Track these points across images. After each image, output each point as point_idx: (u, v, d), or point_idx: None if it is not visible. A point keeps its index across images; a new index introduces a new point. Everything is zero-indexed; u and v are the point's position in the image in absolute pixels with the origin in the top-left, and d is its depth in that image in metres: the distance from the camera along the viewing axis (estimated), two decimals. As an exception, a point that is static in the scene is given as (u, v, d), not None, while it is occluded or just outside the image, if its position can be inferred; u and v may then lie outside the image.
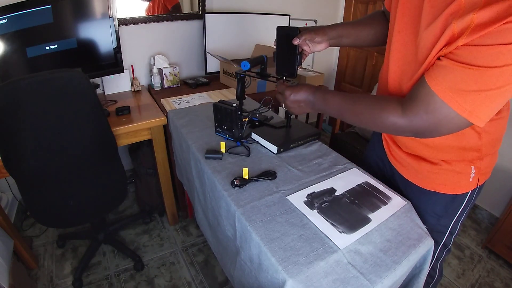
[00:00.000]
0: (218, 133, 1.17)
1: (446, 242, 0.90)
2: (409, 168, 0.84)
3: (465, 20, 0.51)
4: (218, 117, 1.11)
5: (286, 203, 0.83)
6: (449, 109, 0.55)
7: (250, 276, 0.79)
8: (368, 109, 0.68)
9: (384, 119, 0.65)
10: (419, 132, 0.62)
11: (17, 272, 1.25)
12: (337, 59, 2.77)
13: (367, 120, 0.69)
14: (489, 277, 1.56)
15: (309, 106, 0.81)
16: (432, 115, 0.57)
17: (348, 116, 0.73)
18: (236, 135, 1.09)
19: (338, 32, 0.88)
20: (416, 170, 0.83)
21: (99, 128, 1.15)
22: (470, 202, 0.82)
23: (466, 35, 0.51)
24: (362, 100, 0.71)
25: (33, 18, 1.22)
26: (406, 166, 0.85)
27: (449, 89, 0.54)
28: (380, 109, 0.66)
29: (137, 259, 1.50)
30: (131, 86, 1.78)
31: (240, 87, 1.10)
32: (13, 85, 0.93)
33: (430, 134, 0.62)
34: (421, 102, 0.59)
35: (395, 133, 0.73)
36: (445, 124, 0.58)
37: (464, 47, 0.52)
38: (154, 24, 1.80)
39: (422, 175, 0.82)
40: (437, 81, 0.56)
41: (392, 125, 0.64)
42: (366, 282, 0.64)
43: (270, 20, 2.06)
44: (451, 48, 0.54)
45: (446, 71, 0.55)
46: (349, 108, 0.72)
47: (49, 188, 1.16)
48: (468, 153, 0.73)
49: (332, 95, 0.77)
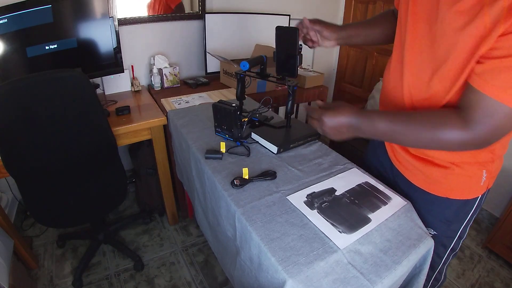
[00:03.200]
0: (218, 133, 1.16)
1: (454, 247, 0.88)
2: (417, 173, 0.81)
3: (496, 7, 0.49)
4: (218, 117, 1.11)
5: (286, 203, 0.83)
6: (506, 108, 0.53)
7: (250, 276, 0.79)
8: (425, 127, 0.63)
9: (448, 136, 0.60)
10: (484, 141, 0.59)
11: (17, 272, 1.25)
12: (337, 59, 2.77)
13: (426, 140, 0.63)
14: (489, 277, 1.56)
15: (353, 131, 0.71)
16: (492, 120, 0.56)
17: (402, 138, 0.67)
18: (235, 135, 1.09)
19: (348, 33, 0.88)
20: (425, 175, 0.79)
21: (99, 128, 1.15)
22: (479, 206, 0.81)
23: (501, 22, 0.49)
24: (415, 118, 0.65)
25: (33, 18, 1.22)
26: (413, 171, 0.82)
27: (501, 89, 0.53)
28: (441, 124, 0.61)
29: (137, 259, 1.50)
30: (131, 86, 1.78)
31: (240, 87, 1.10)
32: (13, 85, 0.93)
33: (493, 140, 0.59)
34: (478, 109, 0.56)
35: (458, 148, 0.64)
36: (505, 124, 0.56)
37: (503, 38, 0.51)
38: (154, 24, 1.80)
39: (431, 180, 0.79)
40: (486, 84, 0.54)
41: (457, 140, 0.60)
42: (366, 282, 0.64)
43: (270, 20, 2.06)
44: (488, 45, 0.53)
45: (492, 72, 0.54)
46: (403, 129, 0.65)
47: (49, 188, 1.16)
48: (481, 155, 0.72)
49: (379, 116, 0.69)
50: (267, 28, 2.06)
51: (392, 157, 0.88)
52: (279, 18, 2.10)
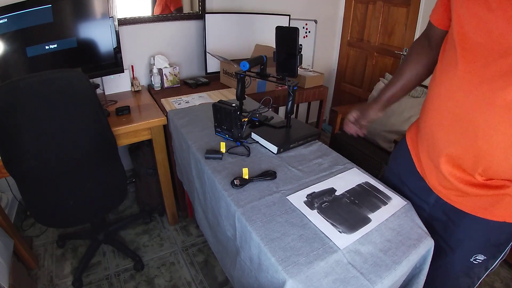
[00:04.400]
0: (218, 133, 1.16)
1: (495, 265, 0.80)
2: (468, 198, 0.71)
3: None
4: (218, 117, 1.11)
5: (286, 203, 0.83)
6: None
7: (250, 276, 0.79)
8: None
9: None
10: None
11: (17, 272, 1.25)
12: (337, 59, 2.77)
13: None
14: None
15: None
16: None
17: None
18: (235, 135, 1.09)
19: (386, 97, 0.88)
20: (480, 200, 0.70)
21: (99, 128, 1.15)
22: None
23: None
24: None
25: (33, 18, 1.22)
26: (464, 197, 0.72)
27: None
28: None
29: (137, 259, 1.50)
30: (131, 86, 1.78)
31: (240, 87, 1.10)
32: (13, 85, 0.93)
33: None
34: None
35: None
36: None
37: None
38: (154, 24, 1.80)
39: (486, 205, 0.69)
40: None
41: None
42: (366, 282, 0.64)
43: (270, 20, 2.06)
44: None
45: None
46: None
47: (49, 188, 1.16)
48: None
49: None
50: (267, 28, 2.06)
51: (437, 186, 0.77)
52: (279, 18, 2.11)
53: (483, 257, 0.77)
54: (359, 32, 2.50)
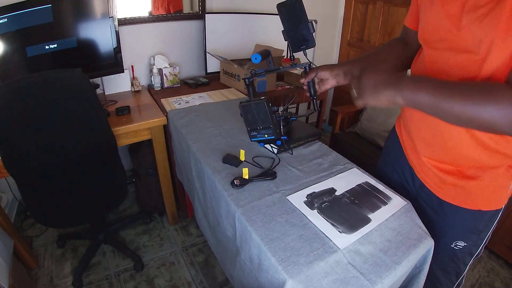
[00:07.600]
0: (254, 139, 0.99)
1: (479, 252, 0.87)
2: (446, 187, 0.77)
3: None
4: (249, 119, 0.96)
5: (286, 203, 0.83)
6: None
7: (250, 276, 0.79)
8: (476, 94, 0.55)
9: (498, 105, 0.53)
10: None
11: (17, 272, 1.25)
12: (337, 59, 2.77)
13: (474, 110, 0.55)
14: (489, 277, 1.56)
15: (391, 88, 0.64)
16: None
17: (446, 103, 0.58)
18: (276, 131, 0.95)
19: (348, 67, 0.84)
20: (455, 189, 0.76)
21: (99, 128, 1.15)
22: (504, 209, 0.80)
23: None
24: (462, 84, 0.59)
25: (33, 18, 1.22)
26: (442, 186, 0.78)
27: None
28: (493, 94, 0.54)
29: (137, 259, 1.50)
30: (131, 86, 1.78)
31: (251, 90, 1.01)
32: (13, 85, 0.93)
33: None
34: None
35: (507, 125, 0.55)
36: None
37: None
38: (154, 24, 1.80)
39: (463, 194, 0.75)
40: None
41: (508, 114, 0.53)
42: (366, 282, 0.64)
43: (270, 20, 2.06)
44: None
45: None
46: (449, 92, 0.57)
47: (49, 188, 1.16)
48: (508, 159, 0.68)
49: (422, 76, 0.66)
50: (267, 28, 2.06)
51: (420, 172, 0.83)
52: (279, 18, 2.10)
53: (463, 243, 0.82)
54: (359, 32, 2.50)
